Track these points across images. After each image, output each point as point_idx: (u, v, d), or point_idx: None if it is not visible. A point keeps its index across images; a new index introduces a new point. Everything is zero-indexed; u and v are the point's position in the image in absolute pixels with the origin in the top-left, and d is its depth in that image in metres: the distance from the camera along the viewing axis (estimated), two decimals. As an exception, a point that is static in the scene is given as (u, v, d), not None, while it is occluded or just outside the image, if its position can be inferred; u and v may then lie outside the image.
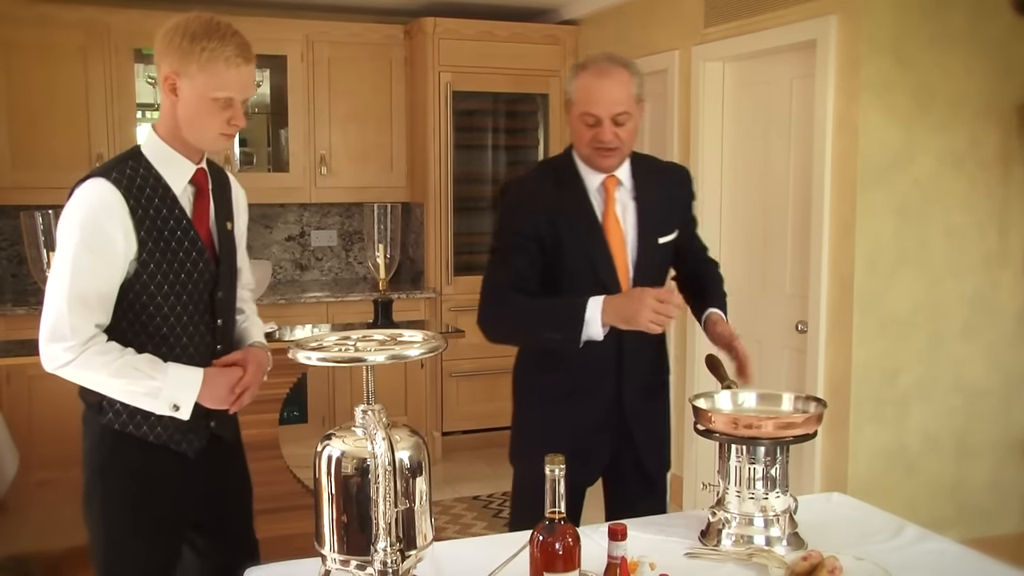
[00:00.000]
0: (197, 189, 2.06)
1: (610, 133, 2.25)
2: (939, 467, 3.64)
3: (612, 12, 5.00)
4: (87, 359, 1.90)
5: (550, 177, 2.38)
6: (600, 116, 2.23)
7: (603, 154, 2.28)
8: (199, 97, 1.94)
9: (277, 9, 5.23)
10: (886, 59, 3.37)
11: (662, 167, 2.53)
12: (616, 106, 2.23)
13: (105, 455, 2.04)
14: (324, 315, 5.05)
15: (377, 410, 1.49)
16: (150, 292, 1.97)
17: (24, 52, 4.69)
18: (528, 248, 2.29)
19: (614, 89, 2.23)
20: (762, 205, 4.09)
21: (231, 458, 2.26)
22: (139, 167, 1.97)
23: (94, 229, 1.89)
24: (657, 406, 2.52)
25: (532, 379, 2.43)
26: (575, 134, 2.32)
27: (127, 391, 1.95)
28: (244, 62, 1.96)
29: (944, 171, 3.50)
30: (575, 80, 2.28)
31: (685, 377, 4.48)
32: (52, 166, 4.76)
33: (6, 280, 5.04)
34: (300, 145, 5.23)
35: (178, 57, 1.93)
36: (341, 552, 1.50)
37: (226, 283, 2.12)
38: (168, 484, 2.08)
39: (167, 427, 2.03)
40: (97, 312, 1.93)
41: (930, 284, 3.54)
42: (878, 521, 2.09)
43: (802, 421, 1.94)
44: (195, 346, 2.05)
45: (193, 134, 1.99)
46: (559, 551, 1.53)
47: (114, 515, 2.06)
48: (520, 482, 2.47)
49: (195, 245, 2.01)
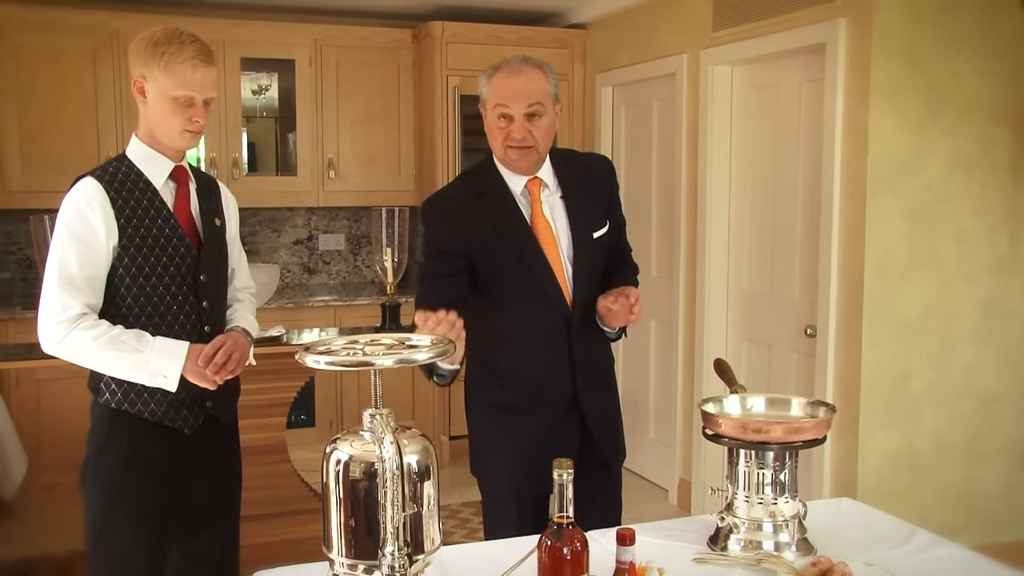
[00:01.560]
0: (178, 184, 2.26)
1: (523, 129, 2.21)
2: (950, 472, 3.62)
3: (620, 16, 4.99)
4: (78, 335, 2.10)
5: (471, 188, 2.33)
6: (512, 112, 2.21)
7: (518, 153, 2.24)
8: (162, 97, 2.15)
9: (286, 13, 5.24)
10: (896, 62, 3.36)
11: (583, 160, 2.51)
12: (529, 98, 2.20)
13: (103, 434, 2.22)
14: (332, 319, 5.05)
15: (385, 414, 1.48)
16: (133, 274, 2.16)
17: (34, 56, 4.71)
18: (455, 259, 2.24)
19: (528, 84, 2.22)
20: (771, 209, 4.08)
21: (226, 445, 2.39)
22: (121, 166, 2.20)
23: (78, 219, 2.12)
24: (610, 398, 2.48)
25: (489, 394, 2.37)
26: (490, 136, 2.29)
27: (116, 364, 2.13)
28: (202, 64, 2.16)
29: (955, 175, 3.48)
30: (489, 80, 2.27)
31: (693, 382, 4.47)
32: (61, 170, 4.73)
33: (15, 284, 5.06)
34: (308, 149, 5.24)
35: (143, 62, 2.16)
36: (349, 556, 1.49)
37: (210, 269, 2.29)
38: (160, 464, 2.23)
39: (161, 404, 2.20)
40: (86, 292, 2.13)
41: (941, 288, 3.52)
42: (888, 527, 2.07)
43: (811, 426, 1.92)
44: (181, 325, 2.22)
45: (160, 132, 2.19)
46: (567, 556, 1.53)
47: (105, 491, 2.22)
48: (490, 493, 2.42)
49: (175, 232, 2.21)
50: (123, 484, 2.21)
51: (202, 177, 2.36)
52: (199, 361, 2.16)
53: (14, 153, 4.71)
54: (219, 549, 2.40)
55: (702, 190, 4.33)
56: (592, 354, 2.37)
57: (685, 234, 4.48)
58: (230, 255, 2.41)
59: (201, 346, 2.19)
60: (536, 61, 2.27)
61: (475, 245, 2.25)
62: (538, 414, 2.31)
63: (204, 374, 2.16)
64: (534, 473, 2.14)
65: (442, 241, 2.27)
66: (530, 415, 2.31)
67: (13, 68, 4.68)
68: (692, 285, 4.45)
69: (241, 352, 2.25)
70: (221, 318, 2.36)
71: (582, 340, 2.32)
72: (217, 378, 2.19)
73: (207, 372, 2.16)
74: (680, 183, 4.49)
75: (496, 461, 2.38)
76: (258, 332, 2.48)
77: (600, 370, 2.44)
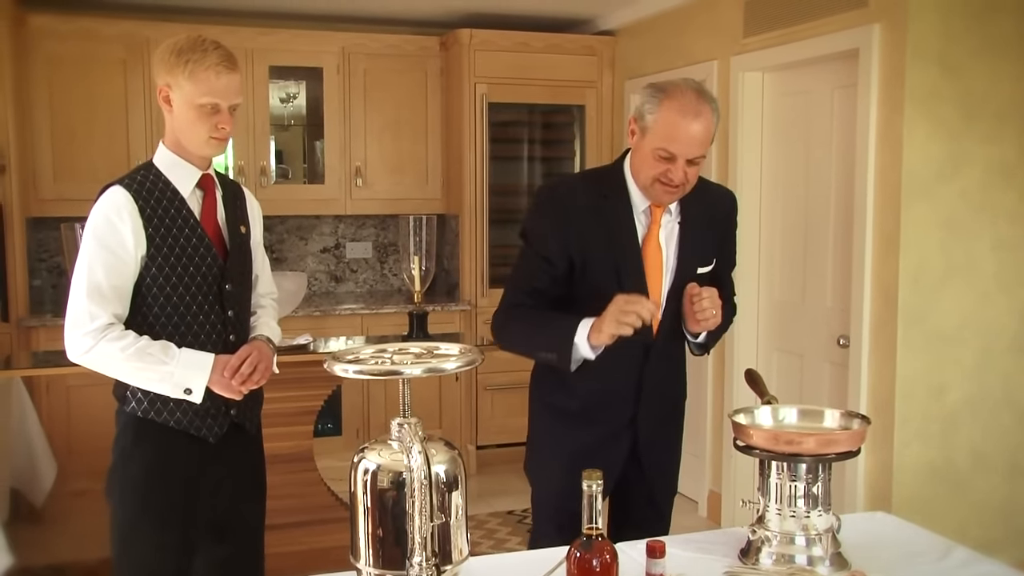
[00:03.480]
0: (204, 192, 2.26)
1: (682, 173, 2.12)
2: (989, 487, 3.54)
3: (649, 22, 4.97)
4: (105, 346, 2.10)
5: (593, 187, 2.27)
6: (678, 155, 2.10)
7: (668, 191, 2.17)
8: (187, 105, 2.14)
9: (314, 22, 5.26)
10: (932, 68, 3.31)
11: (712, 191, 2.44)
12: (698, 149, 2.11)
13: (127, 442, 2.22)
14: (359, 327, 5.05)
15: (413, 423, 1.49)
16: (160, 284, 2.16)
17: (65, 66, 4.76)
18: (555, 267, 2.21)
19: (704, 133, 2.10)
20: (803, 217, 4.03)
21: (250, 452, 2.40)
22: (149, 174, 2.20)
23: (107, 228, 2.12)
24: (671, 433, 2.45)
25: (548, 394, 2.37)
26: (640, 160, 2.18)
27: (142, 376, 2.13)
28: (226, 70, 2.15)
29: (993, 182, 3.42)
30: (658, 109, 2.11)
31: (724, 392, 4.43)
32: (92, 179, 4.77)
33: (46, 291, 5.10)
34: (336, 157, 5.25)
35: (167, 70, 2.15)
36: (376, 566, 1.50)
37: (235, 278, 2.29)
38: (185, 472, 2.23)
39: (186, 412, 2.20)
40: (113, 303, 2.13)
41: (978, 298, 3.45)
42: (925, 542, 2.03)
43: (845, 438, 1.89)
44: (207, 335, 2.22)
45: (186, 140, 2.19)
46: (596, 568, 1.51)
47: (130, 499, 2.22)
48: (538, 495, 2.43)
49: (202, 240, 2.21)
50: (148, 492, 2.21)
51: (227, 184, 2.36)
52: (225, 373, 2.16)
53: (46, 161, 4.76)
54: (244, 557, 2.41)
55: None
56: (662, 384, 2.34)
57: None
58: (254, 261, 2.41)
59: (226, 357, 2.19)
60: (708, 96, 2.14)
61: (576, 246, 2.21)
62: (591, 429, 2.29)
63: (230, 385, 2.17)
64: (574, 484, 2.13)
65: (547, 238, 2.22)
66: (583, 428, 2.29)
67: (45, 77, 4.73)
68: (722, 294, 4.39)
69: (266, 362, 2.25)
70: (245, 326, 2.36)
71: (656, 368, 2.29)
72: (243, 388, 2.19)
73: (233, 383, 2.17)
74: (710, 191, 4.44)
75: (547, 463, 2.38)
76: (280, 339, 2.48)
77: (667, 402, 2.40)
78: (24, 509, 3.95)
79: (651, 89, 2.15)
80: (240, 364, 2.18)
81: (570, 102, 5.40)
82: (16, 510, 3.89)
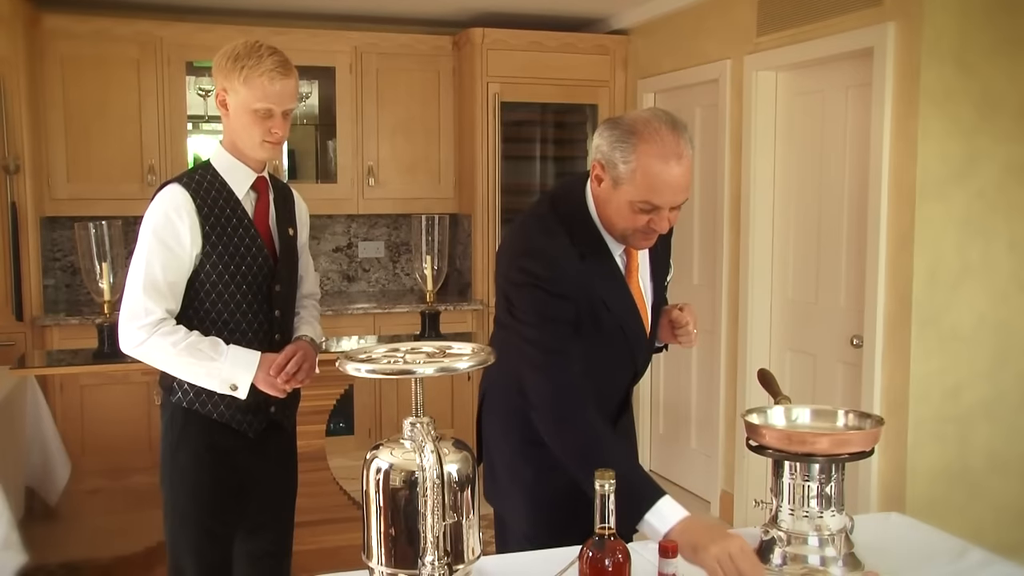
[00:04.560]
0: (258, 194, 2.31)
1: (667, 220, 1.89)
2: (1006, 489, 3.51)
3: (662, 21, 4.95)
4: (157, 340, 2.16)
5: (572, 250, 1.98)
6: (663, 206, 1.86)
7: (649, 238, 1.95)
8: (242, 109, 2.19)
9: (326, 21, 5.27)
10: (947, 66, 3.28)
11: None
12: (683, 193, 1.86)
13: (176, 432, 2.29)
14: (371, 326, 5.05)
15: (425, 422, 1.49)
16: (212, 281, 2.22)
17: (79, 66, 4.77)
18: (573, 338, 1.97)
19: (684, 174, 1.83)
20: (816, 217, 4.00)
21: (286, 450, 2.47)
22: (207, 174, 2.26)
23: (165, 225, 2.18)
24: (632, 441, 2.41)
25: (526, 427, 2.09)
26: (615, 212, 1.92)
27: (191, 371, 2.20)
28: (281, 76, 2.19)
29: (1009, 182, 3.39)
30: (634, 157, 1.83)
31: (736, 392, 4.41)
32: (105, 178, 4.83)
33: (60, 290, 5.12)
34: (348, 156, 5.25)
35: (224, 75, 2.20)
36: (389, 565, 1.49)
37: (284, 279, 2.35)
38: (229, 461, 2.30)
39: (229, 407, 2.26)
40: (168, 298, 2.19)
41: (994, 298, 3.43)
42: (939, 543, 2.01)
43: (859, 438, 1.87)
44: (254, 332, 2.29)
45: (241, 143, 2.25)
46: (609, 568, 1.51)
47: (180, 487, 2.30)
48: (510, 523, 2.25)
49: (255, 241, 2.26)
50: (197, 479, 2.28)
51: (279, 186, 2.42)
52: (271, 371, 2.22)
53: (60, 162, 4.77)
54: (276, 552, 2.48)
55: (745, 197, 4.26)
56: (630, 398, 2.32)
57: (728, 242, 4.42)
58: (300, 263, 2.47)
59: (273, 355, 2.25)
60: (682, 126, 1.87)
61: (585, 316, 1.99)
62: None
63: (275, 383, 2.22)
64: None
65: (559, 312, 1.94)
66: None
67: (59, 77, 4.74)
68: (735, 294, 4.38)
69: (310, 362, 2.31)
70: (290, 326, 2.43)
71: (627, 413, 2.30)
72: (287, 387, 2.25)
73: (278, 381, 2.22)
74: (723, 190, 4.43)
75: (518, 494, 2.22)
76: (323, 340, 2.54)
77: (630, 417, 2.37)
78: (38, 508, 3.96)
79: (617, 131, 1.86)
80: (286, 363, 2.24)
81: (583, 101, 5.38)
82: (31, 509, 3.90)
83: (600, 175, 1.92)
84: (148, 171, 4.85)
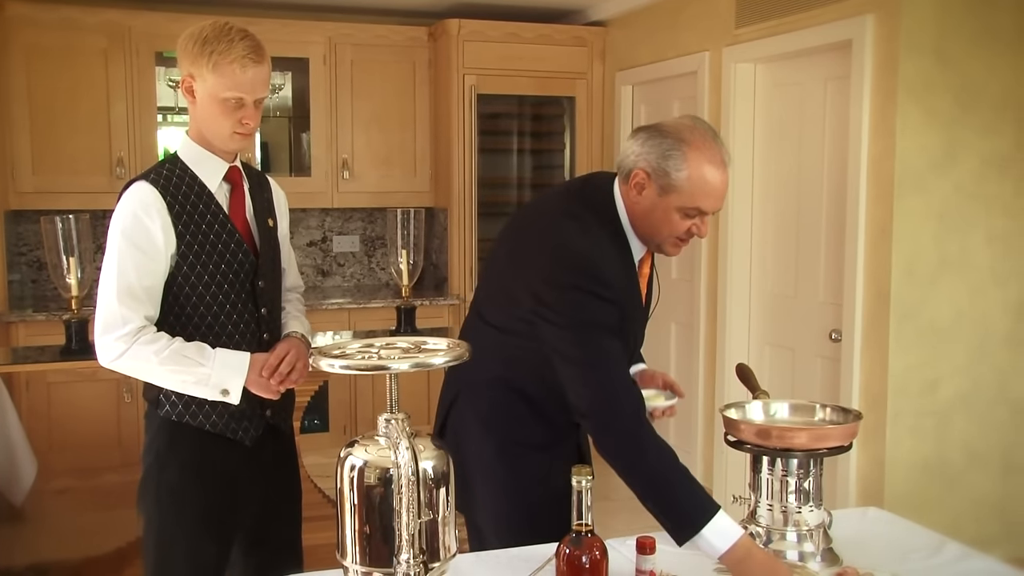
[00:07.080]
0: (232, 186, 2.17)
1: (707, 226, 1.98)
2: (984, 482, 3.52)
3: (640, 13, 4.92)
4: (138, 349, 2.01)
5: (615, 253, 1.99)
6: (710, 211, 1.94)
7: (681, 246, 2.01)
8: (211, 98, 2.04)
9: (299, 11, 5.20)
10: (926, 59, 3.28)
11: None
12: (724, 199, 1.96)
13: (162, 447, 2.13)
14: (346, 322, 5.00)
15: (400, 419, 1.47)
16: (191, 283, 2.08)
17: (46, 55, 4.67)
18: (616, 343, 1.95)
19: (727, 182, 1.94)
20: (795, 210, 4.00)
21: (285, 453, 2.32)
22: (175, 168, 2.10)
23: (135, 226, 2.02)
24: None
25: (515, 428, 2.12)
26: (660, 219, 1.94)
27: (178, 379, 2.04)
28: (252, 63, 2.04)
29: (988, 174, 3.40)
30: (687, 165, 1.87)
31: (715, 387, 4.40)
32: (72, 171, 4.74)
33: (26, 285, 5.03)
34: (322, 149, 5.19)
35: (191, 61, 2.04)
36: (363, 564, 1.47)
37: (267, 274, 2.21)
38: (222, 475, 2.14)
39: (222, 415, 2.12)
40: (145, 304, 2.04)
41: (972, 292, 3.43)
42: (917, 538, 2.03)
43: (837, 433, 1.89)
44: (240, 334, 2.14)
45: (210, 133, 2.09)
46: (586, 565, 1.52)
47: (166, 505, 2.13)
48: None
49: (233, 237, 2.12)
50: (184, 498, 2.12)
51: (253, 174, 2.27)
52: (263, 372, 2.09)
53: (25, 154, 4.67)
54: (282, 562, 2.27)
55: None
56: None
57: (707, 236, 4.40)
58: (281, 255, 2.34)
59: (263, 356, 2.12)
60: (715, 130, 1.97)
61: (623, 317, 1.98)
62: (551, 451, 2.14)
63: (267, 385, 2.10)
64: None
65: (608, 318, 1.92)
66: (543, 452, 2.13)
67: (24, 67, 4.64)
68: (714, 288, 4.37)
69: (304, 360, 2.17)
70: (278, 323, 2.29)
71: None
72: (281, 388, 2.13)
73: (271, 383, 2.10)
74: (701, 184, 4.41)
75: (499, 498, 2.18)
76: (311, 335, 2.38)
77: None
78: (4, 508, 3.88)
79: (666, 140, 1.91)
80: (278, 363, 2.11)
81: (560, 93, 5.35)
82: (-5, 509, 3.83)
83: (643, 183, 1.93)
84: (117, 164, 4.76)
